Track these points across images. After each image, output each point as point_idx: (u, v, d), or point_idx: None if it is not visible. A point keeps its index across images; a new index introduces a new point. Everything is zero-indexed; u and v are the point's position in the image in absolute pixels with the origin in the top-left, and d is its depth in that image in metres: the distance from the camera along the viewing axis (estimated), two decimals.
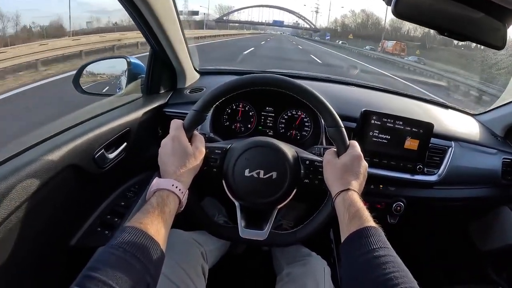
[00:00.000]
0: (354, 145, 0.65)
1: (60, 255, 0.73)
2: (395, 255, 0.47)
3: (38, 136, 0.67)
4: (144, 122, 0.91)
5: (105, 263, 0.40)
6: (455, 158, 1.03)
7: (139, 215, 0.48)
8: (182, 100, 1.05)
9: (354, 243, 0.50)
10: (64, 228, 0.73)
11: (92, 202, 0.82)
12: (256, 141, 0.66)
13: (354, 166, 0.61)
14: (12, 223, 0.55)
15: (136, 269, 0.42)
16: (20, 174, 0.55)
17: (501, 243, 1.16)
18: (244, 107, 1.05)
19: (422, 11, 0.59)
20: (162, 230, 0.49)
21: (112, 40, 10.34)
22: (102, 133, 0.75)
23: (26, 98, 4.57)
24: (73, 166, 0.67)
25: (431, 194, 1.02)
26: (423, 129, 0.94)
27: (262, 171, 0.64)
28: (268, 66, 8.29)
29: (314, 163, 0.67)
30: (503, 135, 1.20)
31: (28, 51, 6.71)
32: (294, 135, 1.05)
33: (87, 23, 27.51)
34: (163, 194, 0.53)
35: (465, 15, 0.58)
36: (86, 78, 1.04)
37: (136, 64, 1.06)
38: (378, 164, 0.95)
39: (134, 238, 0.44)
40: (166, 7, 0.86)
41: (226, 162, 0.66)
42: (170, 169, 0.58)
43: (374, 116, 0.94)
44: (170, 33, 0.91)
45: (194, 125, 0.64)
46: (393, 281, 0.42)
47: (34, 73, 6.23)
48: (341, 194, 0.58)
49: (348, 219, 0.53)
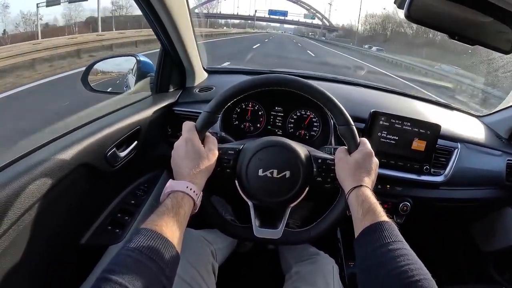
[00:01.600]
0: (365, 142, 0.66)
1: (72, 253, 0.74)
2: (409, 248, 0.48)
3: (50, 134, 0.67)
4: (154, 121, 0.91)
5: (122, 266, 0.40)
6: (461, 159, 1.04)
7: (154, 217, 0.49)
8: (192, 99, 1.05)
9: (368, 237, 0.51)
10: (76, 226, 0.74)
11: (103, 201, 0.83)
12: (269, 141, 0.67)
13: (366, 163, 0.62)
14: (26, 222, 0.55)
15: (152, 271, 0.42)
16: (33, 173, 0.55)
17: (504, 244, 1.17)
18: (253, 106, 1.05)
19: (433, 15, 0.60)
20: (177, 232, 0.49)
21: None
22: (113, 131, 0.76)
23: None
24: (86, 164, 0.67)
25: (437, 195, 1.03)
26: (430, 130, 0.95)
27: (275, 171, 0.64)
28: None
29: (326, 161, 0.68)
30: (507, 137, 1.21)
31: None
32: (303, 135, 1.06)
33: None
34: (177, 196, 0.54)
35: (474, 20, 0.59)
36: (94, 76, 1.04)
37: (145, 62, 1.06)
38: (385, 164, 0.96)
39: (150, 240, 0.44)
40: (179, 4, 0.86)
41: (239, 163, 0.66)
42: (184, 171, 0.58)
43: (382, 117, 0.94)
44: (182, 31, 0.91)
45: (207, 127, 0.64)
46: (408, 273, 0.43)
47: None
48: (354, 190, 0.59)
49: (362, 214, 0.54)
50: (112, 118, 0.81)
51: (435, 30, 0.65)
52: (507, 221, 1.17)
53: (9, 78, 5.40)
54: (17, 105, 4.16)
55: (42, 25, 15.16)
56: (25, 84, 5.08)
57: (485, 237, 1.25)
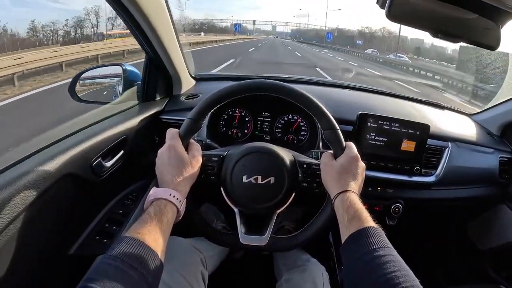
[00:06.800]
0: (351, 146, 0.65)
1: (60, 263, 0.73)
2: (396, 255, 0.47)
3: (35, 145, 0.67)
4: (140, 130, 0.91)
5: (103, 274, 0.40)
6: (452, 158, 1.03)
7: (136, 225, 0.49)
8: (178, 107, 1.05)
9: (354, 244, 0.50)
10: (63, 237, 0.73)
11: (90, 211, 0.82)
12: (252, 147, 0.66)
13: (351, 167, 0.62)
14: (11, 233, 0.55)
15: (133, 279, 0.42)
16: (17, 185, 0.55)
17: (500, 241, 1.16)
18: (240, 112, 1.05)
19: (416, 14, 0.59)
20: (160, 239, 0.49)
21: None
22: (99, 141, 0.75)
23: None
24: (71, 175, 0.67)
25: (429, 195, 1.02)
26: (419, 130, 0.95)
27: (259, 177, 0.64)
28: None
29: (311, 167, 0.67)
30: (499, 134, 1.21)
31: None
32: (291, 139, 1.06)
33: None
34: (160, 204, 0.53)
35: (458, 17, 0.58)
36: (82, 86, 1.04)
37: (131, 71, 1.06)
38: (375, 167, 0.96)
39: (132, 249, 0.44)
40: (160, 14, 0.86)
41: (223, 169, 0.66)
42: (167, 178, 0.58)
43: (370, 118, 0.94)
44: (165, 40, 0.91)
45: (190, 134, 0.64)
46: (394, 280, 0.42)
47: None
48: (339, 195, 0.58)
49: (348, 220, 0.54)
50: (97, 128, 0.80)
51: (417, 29, 0.65)
52: (502, 218, 1.16)
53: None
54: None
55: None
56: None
57: (481, 235, 1.24)
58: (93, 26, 22.17)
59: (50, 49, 9.75)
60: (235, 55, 13.63)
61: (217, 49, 18.35)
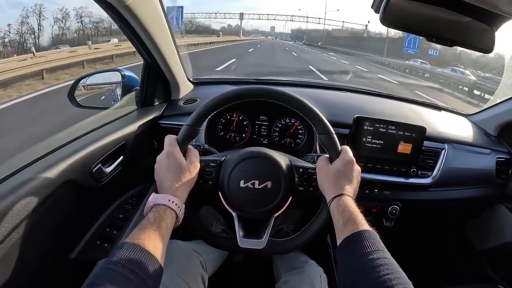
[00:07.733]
0: (346, 150, 0.66)
1: (61, 269, 0.74)
2: (390, 257, 0.48)
3: (35, 153, 0.68)
4: (139, 135, 0.92)
5: (104, 279, 0.41)
6: (449, 159, 1.04)
7: (136, 231, 0.50)
8: (177, 112, 1.06)
9: (349, 247, 0.51)
10: (64, 243, 0.74)
11: (91, 216, 0.83)
12: (249, 152, 0.67)
13: (347, 171, 0.63)
14: (13, 240, 0.56)
15: (134, 284, 0.43)
16: (18, 192, 0.56)
17: (498, 241, 1.17)
18: (238, 117, 1.06)
19: (410, 18, 0.60)
20: (159, 244, 0.50)
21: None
22: (98, 147, 0.76)
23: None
24: (71, 181, 0.68)
25: (426, 196, 1.03)
26: (416, 133, 0.96)
27: (256, 182, 0.65)
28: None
29: (307, 171, 0.68)
30: (496, 134, 1.21)
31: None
32: (288, 143, 1.06)
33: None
34: (159, 210, 0.54)
35: (453, 21, 0.59)
36: (81, 91, 1.05)
37: (130, 77, 1.06)
38: (372, 169, 0.96)
39: (132, 254, 0.45)
40: (156, 21, 0.86)
41: (221, 175, 0.67)
42: (166, 184, 0.59)
43: (366, 122, 0.95)
44: (161, 46, 0.91)
45: (188, 140, 0.65)
46: (387, 283, 0.43)
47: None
48: (335, 199, 0.59)
49: (343, 224, 0.54)
50: (96, 134, 0.81)
51: (411, 33, 0.66)
52: (500, 218, 1.16)
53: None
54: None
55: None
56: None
57: (479, 235, 1.25)
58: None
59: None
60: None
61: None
